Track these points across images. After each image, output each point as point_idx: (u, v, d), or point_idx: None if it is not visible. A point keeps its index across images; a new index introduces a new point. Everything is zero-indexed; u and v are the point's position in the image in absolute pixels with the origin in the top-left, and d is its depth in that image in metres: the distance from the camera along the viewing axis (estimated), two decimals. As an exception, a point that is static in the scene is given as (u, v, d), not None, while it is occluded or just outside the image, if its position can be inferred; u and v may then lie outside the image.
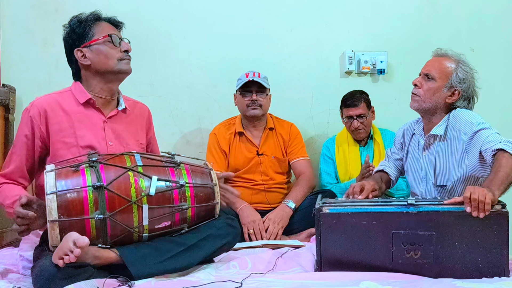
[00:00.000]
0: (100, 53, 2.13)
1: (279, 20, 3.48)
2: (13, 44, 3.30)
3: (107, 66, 2.14)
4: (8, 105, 3.10)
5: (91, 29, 2.15)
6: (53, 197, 1.82)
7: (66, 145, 2.09)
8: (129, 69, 2.20)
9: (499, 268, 1.93)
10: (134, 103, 2.34)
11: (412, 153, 2.50)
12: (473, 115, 2.31)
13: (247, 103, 3.03)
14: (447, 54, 2.39)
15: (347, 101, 3.18)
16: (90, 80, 2.17)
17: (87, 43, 2.14)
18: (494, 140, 2.15)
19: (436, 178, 2.37)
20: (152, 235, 1.97)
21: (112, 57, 2.14)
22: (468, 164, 2.26)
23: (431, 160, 2.38)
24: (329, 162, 3.28)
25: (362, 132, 3.17)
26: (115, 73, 2.17)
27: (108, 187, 1.88)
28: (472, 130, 2.24)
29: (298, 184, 3.03)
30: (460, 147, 2.29)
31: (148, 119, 2.38)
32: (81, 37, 2.15)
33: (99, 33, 2.15)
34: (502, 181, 2.01)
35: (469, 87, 2.34)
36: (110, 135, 2.17)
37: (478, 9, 3.54)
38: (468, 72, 2.34)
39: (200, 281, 1.86)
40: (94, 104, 2.17)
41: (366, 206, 2.03)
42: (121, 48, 2.17)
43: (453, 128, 2.31)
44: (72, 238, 1.74)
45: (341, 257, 1.99)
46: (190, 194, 2.01)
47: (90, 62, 2.14)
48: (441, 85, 2.32)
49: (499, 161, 2.08)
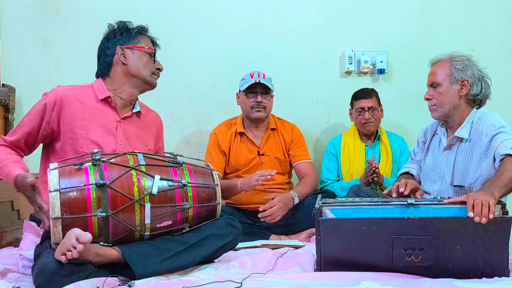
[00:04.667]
0: (140, 59, 2.28)
1: (279, 20, 3.49)
2: (13, 44, 3.30)
3: (141, 72, 2.27)
4: (8, 105, 3.10)
5: (137, 37, 2.30)
6: (56, 195, 1.83)
7: (76, 136, 2.15)
8: (156, 84, 2.36)
9: (499, 268, 1.93)
10: (148, 111, 2.43)
11: (433, 151, 2.51)
12: (497, 118, 2.33)
13: (252, 104, 3.02)
14: (439, 59, 2.45)
15: (358, 94, 3.22)
16: (119, 78, 2.27)
17: (132, 45, 2.28)
18: (507, 146, 2.19)
19: (453, 177, 2.38)
20: (154, 234, 1.98)
21: (148, 68, 2.29)
22: (485, 167, 2.28)
23: (451, 160, 2.39)
24: (333, 159, 3.28)
25: (373, 125, 3.18)
26: (144, 82, 2.30)
27: (111, 185, 1.89)
28: (492, 133, 2.27)
29: (303, 183, 3.04)
30: (480, 149, 2.31)
31: (160, 128, 2.46)
32: (127, 39, 2.29)
33: (145, 44, 2.31)
34: (504, 184, 2.04)
35: (473, 71, 2.37)
36: (121, 135, 2.23)
37: (478, 9, 3.55)
38: (464, 61, 2.38)
39: (200, 281, 1.85)
40: (111, 102, 2.24)
41: (366, 206, 2.02)
42: (156, 65, 2.34)
43: (476, 130, 2.34)
44: (75, 234, 1.75)
45: (341, 258, 1.99)
46: (192, 194, 2.02)
47: (128, 63, 2.26)
48: (448, 85, 2.37)
49: (504, 165, 2.12)
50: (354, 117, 3.24)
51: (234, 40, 3.45)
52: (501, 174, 2.08)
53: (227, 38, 3.45)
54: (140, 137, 2.31)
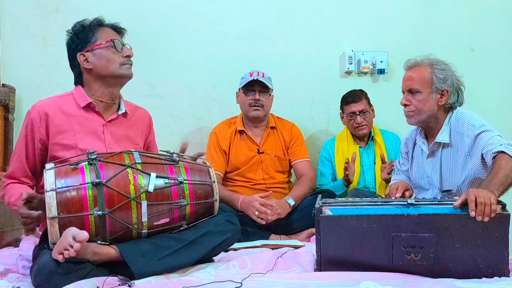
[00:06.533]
0: (102, 58, 2.17)
1: (279, 20, 3.49)
2: (13, 44, 3.31)
3: (109, 70, 2.18)
4: (8, 105, 3.11)
5: (94, 34, 2.19)
6: (52, 194, 1.83)
7: (65, 147, 2.11)
8: (130, 73, 2.23)
9: (499, 268, 1.92)
10: (135, 108, 2.37)
11: (417, 160, 2.50)
12: (475, 117, 2.31)
13: (250, 102, 3.03)
14: (418, 62, 2.39)
15: (348, 98, 3.19)
16: (92, 84, 2.20)
17: (90, 47, 2.18)
18: (495, 143, 2.17)
19: (442, 183, 2.37)
20: (151, 232, 1.98)
21: (114, 62, 2.18)
22: (472, 167, 2.27)
23: (436, 166, 2.38)
24: (327, 164, 3.27)
25: (365, 127, 3.16)
26: (116, 78, 2.20)
27: (107, 184, 1.89)
28: (474, 133, 2.25)
29: (300, 184, 3.04)
30: (464, 151, 2.29)
31: (149, 124, 2.41)
32: (84, 41, 2.19)
33: (102, 38, 2.19)
34: (501, 182, 2.02)
35: (453, 81, 2.35)
36: (109, 139, 2.20)
37: (478, 9, 3.54)
38: (445, 69, 2.35)
39: (200, 281, 1.85)
40: (94, 108, 2.20)
41: (366, 206, 2.01)
42: (123, 53, 2.21)
43: (456, 132, 2.32)
44: (72, 233, 1.75)
45: (341, 257, 1.98)
46: (188, 191, 2.02)
47: (92, 66, 2.18)
48: (427, 93, 2.33)
49: (498, 163, 2.09)
50: (346, 122, 3.23)
51: (234, 40, 3.46)
52: (497, 173, 2.05)
53: (227, 38, 3.46)
54: (129, 137, 2.27)
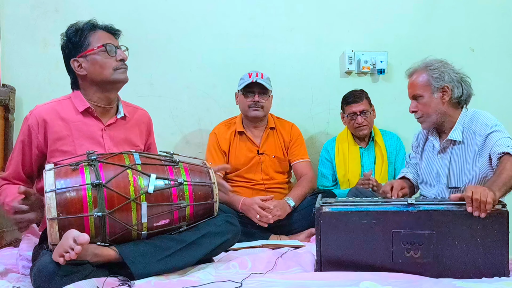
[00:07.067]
0: (96, 63, 2.12)
1: (279, 20, 3.48)
2: (13, 44, 3.30)
3: (103, 76, 2.13)
4: (8, 105, 3.11)
5: (87, 39, 2.14)
6: (52, 195, 1.83)
7: (65, 154, 2.10)
8: (125, 78, 2.19)
9: (499, 268, 1.93)
10: (134, 109, 2.35)
11: (427, 155, 2.51)
12: (489, 117, 2.33)
13: (249, 103, 3.03)
14: (415, 69, 2.44)
15: (348, 98, 3.18)
16: (88, 89, 2.18)
17: (82, 53, 2.13)
18: (503, 144, 2.19)
19: (449, 179, 2.38)
20: (151, 233, 1.98)
21: (108, 67, 2.13)
22: (480, 166, 2.28)
23: (446, 162, 2.39)
24: (327, 165, 3.27)
25: (366, 128, 3.15)
26: (111, 83, 2.16)
27: (107, 185, 1.88)
28: (486, 132, 2.27)
29: (300, 185, 3.04)
30: (474, 149, 2.31)
31: (149, 125, 2.39)
32: (77, 46, 2.14)
33: (95, 43, 2.13)
34: (504, 183, 2.04)
35: (450, 75, 2.36)
36: (108, 143, 2.18)
37: (478, 9, 3.54)
38: (438, 67, 2.37)
39: (200, 281, 1.85)
40: (92, 112, 2.18)
41: (366, 205, 2.02)
42: (117, 57, 2.15)
43: (469, 130, 2.34)
44: (72, 236, 1.74)
45: (341, 257, 1.99)
46: (188, 192, 2.02)
47: (86, 72, 2.14)
48: (429, 95, 2.37)
49: (503, 164, 2.11)
50: (347, 122, 3.22)
51: (234, 40, 3.45)
52: (500, 174, 2.08)
53: (227, 38, 3.45)
54: (129, 140, 2.26)
